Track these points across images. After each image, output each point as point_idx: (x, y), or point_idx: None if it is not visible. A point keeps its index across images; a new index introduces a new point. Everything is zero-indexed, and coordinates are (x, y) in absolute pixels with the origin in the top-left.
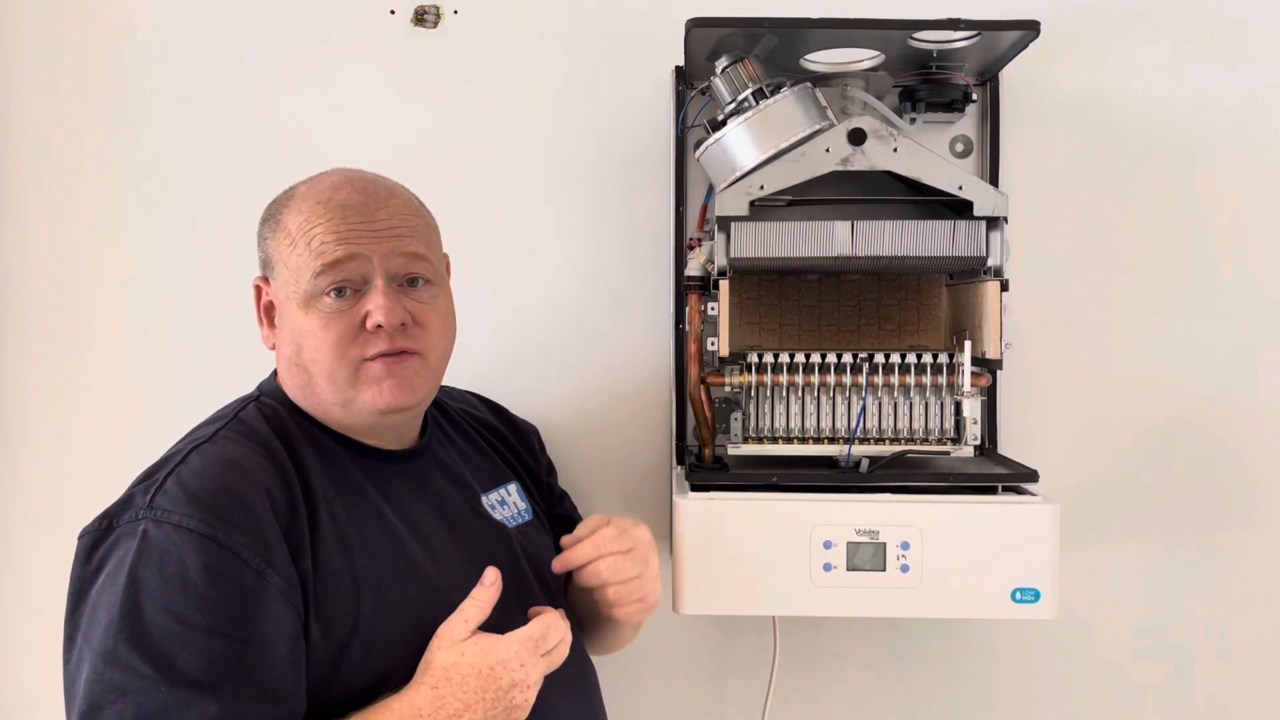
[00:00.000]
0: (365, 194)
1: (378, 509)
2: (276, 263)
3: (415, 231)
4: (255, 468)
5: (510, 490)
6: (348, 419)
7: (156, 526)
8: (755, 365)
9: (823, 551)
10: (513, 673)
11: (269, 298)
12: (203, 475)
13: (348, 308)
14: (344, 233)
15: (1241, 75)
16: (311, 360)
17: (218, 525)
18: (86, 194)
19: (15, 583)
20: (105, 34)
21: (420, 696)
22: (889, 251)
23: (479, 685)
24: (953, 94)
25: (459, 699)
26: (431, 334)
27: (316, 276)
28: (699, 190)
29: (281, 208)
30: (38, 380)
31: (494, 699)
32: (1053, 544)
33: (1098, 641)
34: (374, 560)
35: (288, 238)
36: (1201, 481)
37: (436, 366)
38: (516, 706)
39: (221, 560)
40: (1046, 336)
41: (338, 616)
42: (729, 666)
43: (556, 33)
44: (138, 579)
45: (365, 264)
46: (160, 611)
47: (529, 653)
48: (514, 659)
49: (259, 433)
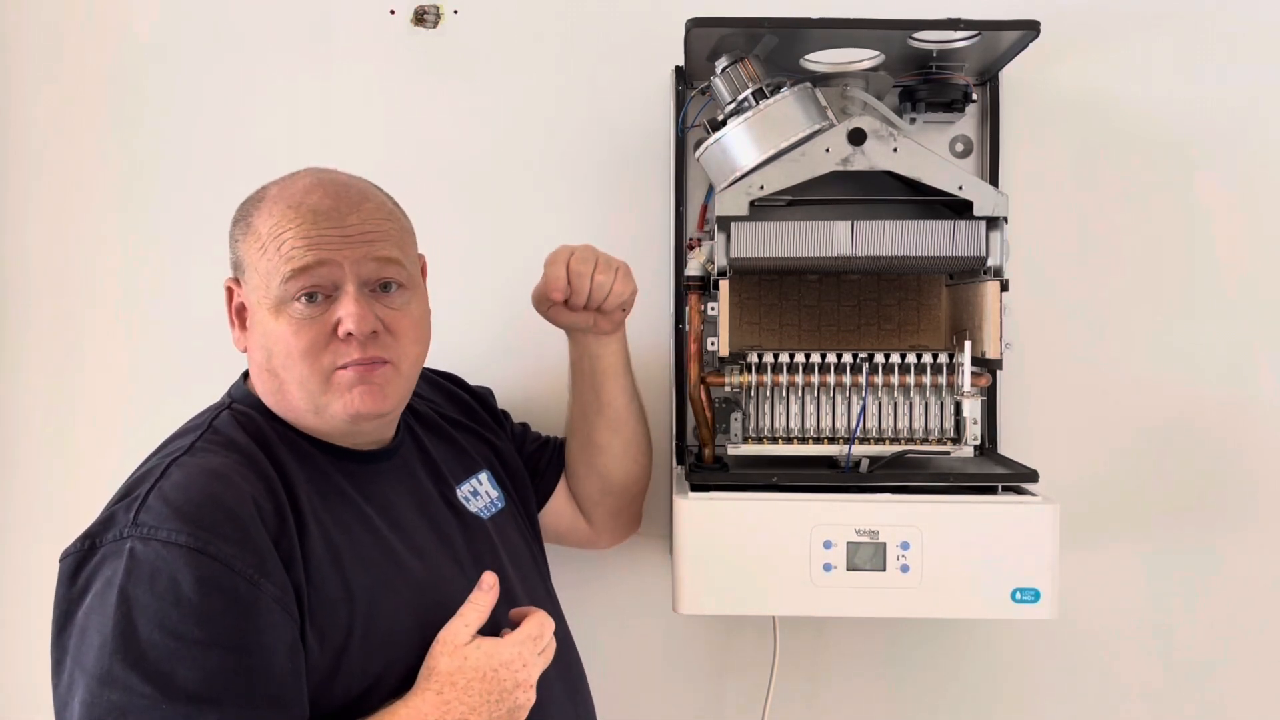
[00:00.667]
0: (337, 198)
1: (361, 511)
2: (247, 266)
3: (388, 235)
4: (239, 478)
5: (482, 480)
6: (320, 424)
7: (144, 544)
8: (755, 365)
9: (823, 551)
10: (515, 674)
11: (240, 299)
12: (186, 488)
13: (318, 314)
14: (314, 238)
15: (1241, 75)
16: (282, 366)
17: (207, 538)
18: (86, 194)
19: (14, 586)
20: (105, 34)
21: (425, 702)
22: (889, 251)
23: (484, 689)
24: (953, 94)
25: (464, 703)
26: (404, 341)
27: (286, 282)
28: (699, 190)
29: (252, 210)
30: (35, 382)
31: (498, 701)
32: (1053, 544)
33: (1098, 641)
34: (363, 563)
35: (258, 241)
36: (1201, 481)
37: (409, 374)
38: (519, 707)
39: (214, 573)
40: (1046, 336)
41: (331, 622)
42: (729, 666)
43: (556, 33)
44: (129, 598)
45: (336, 270)
46: (155, 629)
47: (530, 653)
48: (516, 660)
49: (237, 442)
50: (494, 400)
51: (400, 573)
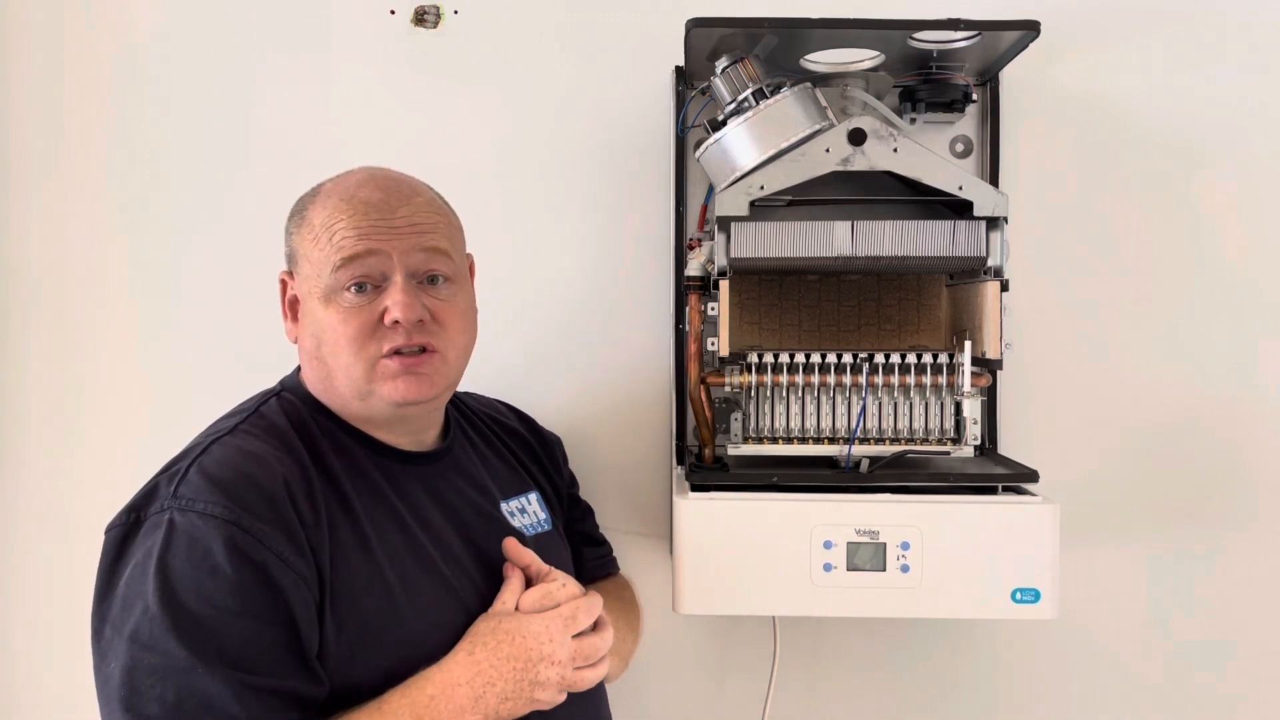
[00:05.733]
0: (387, 191)
1: (394, 509)
2: (300, 257)
3: (436, 228)
4: (275, 460)
5: (530, 499)
6: (365, 412)
7: (182, 515)
8: (755, 365)
9: (823, 551)
10: (542, 646)
11: (293, 292)
12: (224, 464)
13: (367, 303)
14: (365, 228)
15: (1242, 75)
16: (330, 354)
17: (241, 512)
18: (87, 193)
19: (17, 583)
20: (105, 34)
21: (457, 664)
22: (889, 251)
23: (511, 653)
24: (953, 94)
25: (492, 666)
26: (450, 331)
27: (336, 270)
28: (699, 190)
29: (308, 204)
30: (39, 380)
31: (522, 670)
32: (1053, 544)
33: (1098, 641)
34: (390, 560)
35: (311, 232)
36: (1201, 481)
37: (455, 364)
38: (540, 684)
39: (247, 545)
40: (1046, 336)
41: (351, 613)
42: (729, 666)
43: (556, 33)
44: (167, 566)
45: (385, 260)
46: (191, 596)
47: (559, 629)
48: (544, 632)
49: (278, 427)
50: (561, 449)
51: (426, 573)
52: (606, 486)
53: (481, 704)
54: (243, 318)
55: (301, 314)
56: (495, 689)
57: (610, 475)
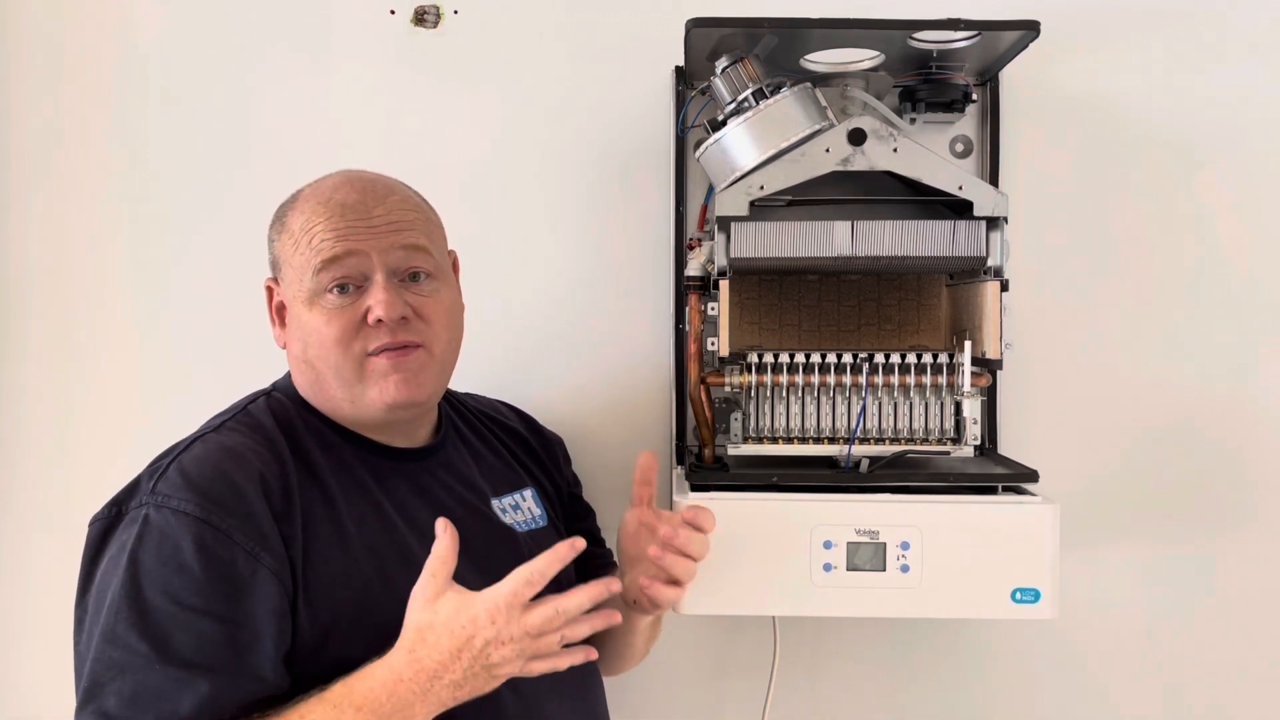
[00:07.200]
0: (363, 192)
1: (378, 504)
2: (283, 263)
3: (414, 225)
4: (253, 455)
5: (525, 495)
6: (357, 414)
7: (157, 511)
8: (755, 365)
9: (823, 551)
10: (484, 630)
11: (279, 298)
12: (202, 461)
13: (350, 304)
14: (342, 230)
15: (1242, 75)
16: (318, 357)
17: (211, 509)
18: (87, 194)
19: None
20: (105, 35)
21: (398, 660)
22: (889, 251)
23: (452, 645)
24: (953, 94)
25: (434, 660)
26: (435, 326)
27: (317, 273)
28: (699, 190)
29: (287, 210)
30: (38, 382)
31: (471, 659)
32: (1053, 544)
33: (1098, 641)
34: (369, 554)
35: (291, 238)
36: (1201, 482)
37: (442, 359)
38: (495, 665)
39: (215, 543)
40: (1046, 336)
41: (325, 603)
42: (729, 666)
43: (556, 33)
44: (137, 561)
45: (364, 260)
46: (158, 593)
47: (502, 610)
48: (484, 616)
49: (263, 424)
50: (563, 449)
51: (406, 569)
52: (606, 486)
53: (431, 695)
54: (242, 318)
55: (288, 319)
56: (443, 680)
57: (610, 475)
